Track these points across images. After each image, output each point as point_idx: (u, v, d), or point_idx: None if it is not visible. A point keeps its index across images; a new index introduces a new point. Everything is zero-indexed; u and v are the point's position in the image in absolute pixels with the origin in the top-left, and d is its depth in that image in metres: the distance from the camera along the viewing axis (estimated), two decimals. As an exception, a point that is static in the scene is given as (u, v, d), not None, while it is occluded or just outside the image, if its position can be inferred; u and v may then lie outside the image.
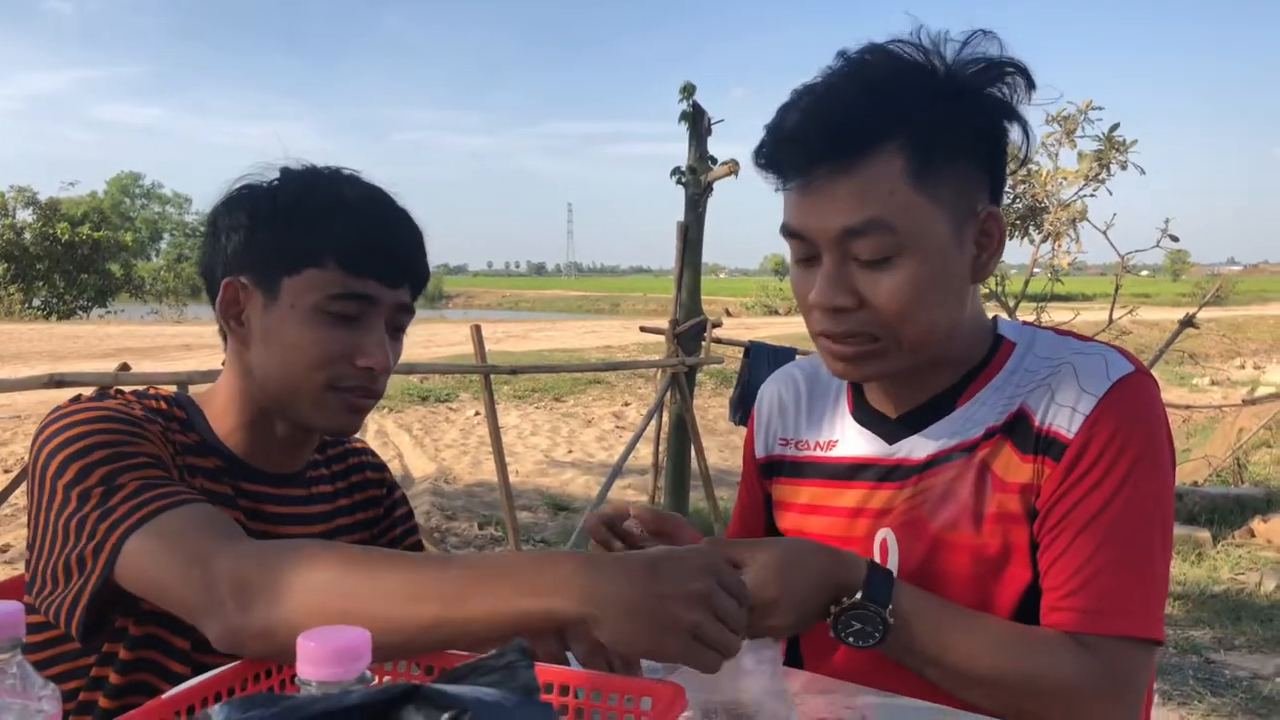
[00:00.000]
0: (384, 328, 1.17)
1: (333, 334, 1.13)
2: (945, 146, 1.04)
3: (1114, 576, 1.05)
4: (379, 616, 0.84)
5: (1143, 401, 1.08)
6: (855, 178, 1.02)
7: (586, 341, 17.74)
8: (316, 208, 1.13)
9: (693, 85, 5.63)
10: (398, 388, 10.57)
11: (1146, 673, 1.07)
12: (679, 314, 5.67)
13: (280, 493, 1.21)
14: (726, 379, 10.54)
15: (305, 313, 1.12)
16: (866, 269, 1.04)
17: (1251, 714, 3.50)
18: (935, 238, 1.04)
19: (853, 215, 1.03)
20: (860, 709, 1.07)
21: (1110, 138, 5.21)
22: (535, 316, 40.40)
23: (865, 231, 1.03)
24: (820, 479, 1.25)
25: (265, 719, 0.35)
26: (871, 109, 1.03)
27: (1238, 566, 5.15)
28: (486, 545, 5.67)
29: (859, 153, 1.02)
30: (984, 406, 1.14)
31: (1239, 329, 23.23)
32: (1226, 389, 13.67)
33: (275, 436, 1.20)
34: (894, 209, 1.02)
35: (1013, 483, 1.10)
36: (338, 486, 1.31)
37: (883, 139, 1.02)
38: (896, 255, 1.03)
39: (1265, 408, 8.03)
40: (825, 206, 1.04)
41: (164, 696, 0.77)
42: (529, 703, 0.41)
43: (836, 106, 1.04)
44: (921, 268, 1.04)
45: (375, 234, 1.15)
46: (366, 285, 1.13)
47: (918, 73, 1.06)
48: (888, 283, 1.04)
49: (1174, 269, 68.66)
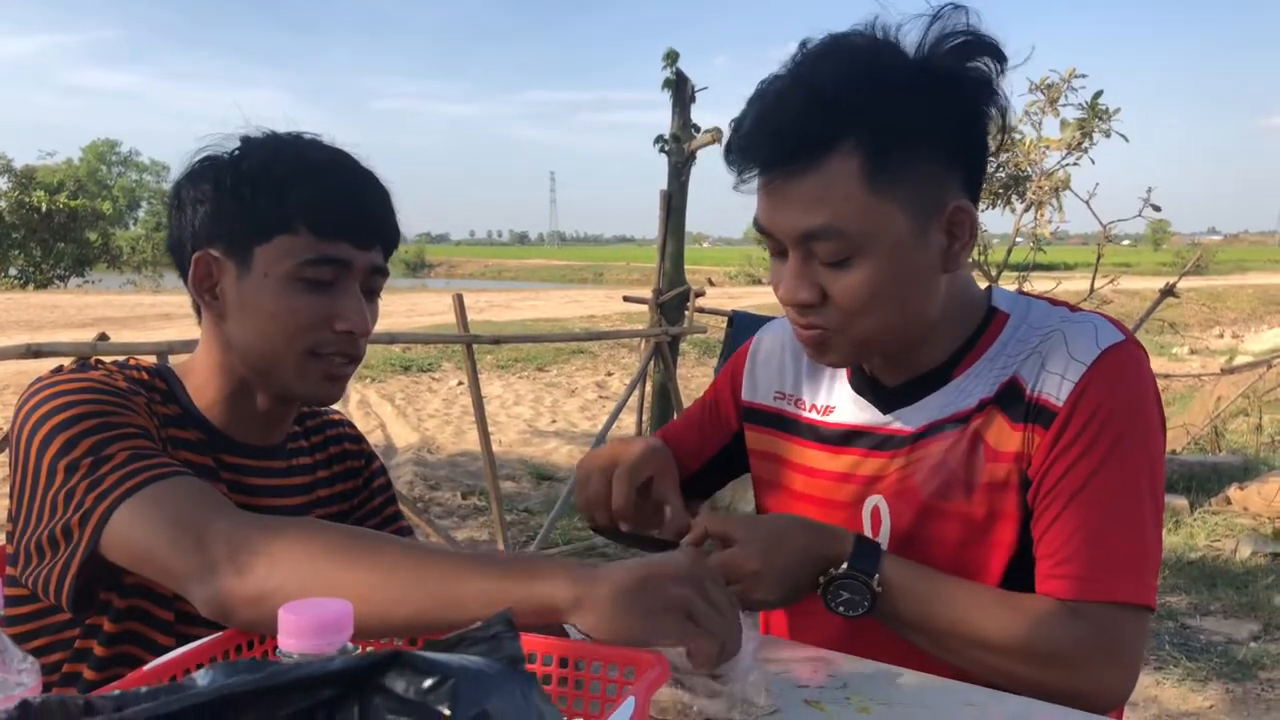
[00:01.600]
0: (359, 290, 1.16)
1: (309, 300, 1.12)
2: (904, 144, 1.03)
3: (1105, 543, 1.05)
4: (374, 598, 0.85)
5: (1131, 369, 1.09)
6: (809, 183, 1.03)
7: (570, 311, 17.71)
8: (282, 173, 1.12)
9: (676, 52, 5.59)
10: (380, 358, 10.53)
11: (1141, 639, 1.07)
12: (662, 283, 5.66)
13: (261, 465, 1.21)
14: (710, 348, 10.56)
15: (280, 280, 1.11)
16: (828, 267, 1.06)
17: (1226, 678, 3.56)
18: (893, 237, 1.04)
19: (809, 219, 1.04)
20: (843, 676, 1.08)
21: (1094, 105, 5.21)
22: (518, 286, 40.27)
23: (821, 236, 1.04)
24: (814, 442, 1.26)
25: (249, 683, 0.35)
26: (820, 117, 1.02)
27: (1214, 533, 5.22)
28: (470, 515, 5.68)
29: (810, 160, 1.03)
30: (977, 378, 1.14)
31: (1218, 298, 23.43)
32: (1205, 358, 13.79)
33: (256, 408, 1.20)
34: (847, 214, 1.03)
35: (1005, 452, 1.10)
36: (316, 459, 1.31)
37: (834, 144, 1.02)
38: (853, 256, 1.05)
39: (1243, 376, 8.11)
40: (784, 208, 1.06)
41: (146, 668, 0.76)
42: (512, 672, 0.41)
43: (786, 116, 1.04)
44: (879, 268, 1.05)
45: (344, 196, 1.14)
46: (339, 249, 1.12)
47: (874, 69, 1.03)
48: (846, 282, 1.06)
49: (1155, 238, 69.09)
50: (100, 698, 0.35)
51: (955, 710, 1.01)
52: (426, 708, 0.37)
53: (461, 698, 0.37)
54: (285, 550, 0.90)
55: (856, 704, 1.01)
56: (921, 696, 1.03)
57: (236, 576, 0.89)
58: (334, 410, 1.39)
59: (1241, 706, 3.37)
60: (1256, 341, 15.28)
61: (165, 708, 0.33)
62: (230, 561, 0.90)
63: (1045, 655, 1.04)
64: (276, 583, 0.88)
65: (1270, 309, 23.05)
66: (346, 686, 0.37)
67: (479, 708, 0.37)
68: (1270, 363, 8.45)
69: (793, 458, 1.28)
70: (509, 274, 62.34)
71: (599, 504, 1.23)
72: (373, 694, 0.38)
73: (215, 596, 0.90)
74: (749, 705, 0.98)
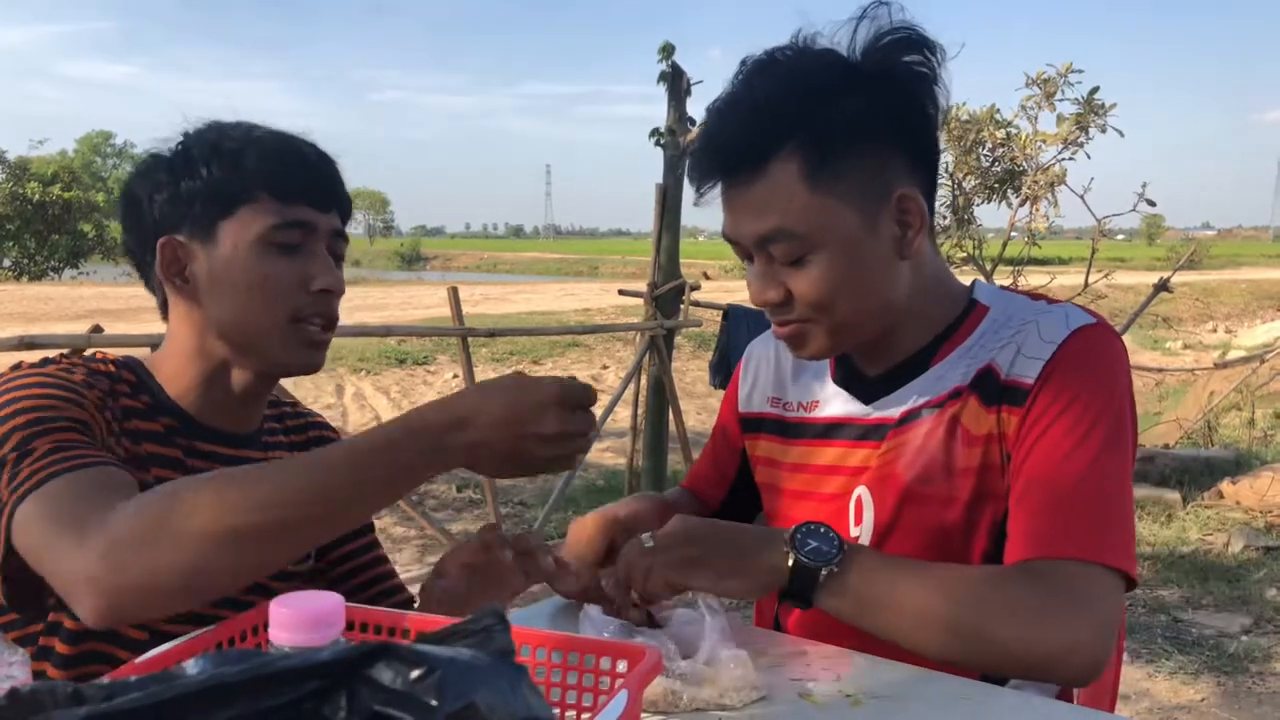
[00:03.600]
0: (325, 253, 1.17)
1: (282, 264, 1.13)
2: (844, 141, 1.08)
3: (1069, 507, 1.05)
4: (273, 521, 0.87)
5: (1101, 347, 1.11)
6: (756, 190, 1.09)
7: (565, 304, 17.71)
8: (234, 147, 1.13)
9: (672, 45, 5.58)
10: (375, 350, 10.53)
11: (1111, 600, 1.02)
12: (657, 277, 5.66)
13: (236, 454, 1.20)
14: (705, 342, 10.57)
15: (250, 250, 1.12)
16: (787, 267, 1.12)
17: (1217, 671, 3.58)
18: (842, 232, 1.09)
19: (760, 224, 1.10)
20: (835, 669, 1.08)
21: (1090, 101, 5.21)
22: (513, 279, 40.27)
23: (774, 238, 1.10)
24: (804, 439, 1.28)
25: (237, 673, 0.35)
26: (759, 126, 1.08)
27: (1206, 527, 5.24)
28: (464, 508, 5.68)
29: (753, 169, 1.09)
30: (955, 366, 1.17)
31: (1212, 293, 23.48)
32: (1198, 352, 13.83)
33: (232, 392, 1.19)
34: (794, 215, 1.08)
35: (979, 434, 1.13)
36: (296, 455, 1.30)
37: (772, 151, 1.08)
38: (807, 254, 1.10)
39: (1236, 371, 8.14)
40: (739, 217, 1.12)
41: (138, 660, 0.76)
42: (501, 664, 0.41)
43: (727, 131, 1.11)
44: (834, 262, 1.10)
45: (298, 162, 1.16)
46: (302, 212, 1.14)
47: (812, 71, 1.10)
48: (805, 278, 1.11)
49: (1149, 233, 69.23)
50: (89, 686, 0.35)
51: (949, 703, 1.01)
52: (414, 699, 0.37)
53: (449, 689, 0.37)
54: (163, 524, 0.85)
55: (849, 697, 1.02)
56: (914, 690, 1.04)
57: (115, 574, 0.85)
58: (314, 412, 1.40)
59: (1233, 700, 3.39)
60: (1249, 336, 15.32)
61: (154, 697, 0.33)
62: (105, 562, 0.85)
63: (1007, 606, 1.01)
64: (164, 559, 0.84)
65: (1263, 304, 23.10)
66: (334, 677, 0.37)
67: (467, 699, 0.37)
68: (1263, 357, 8.48)
69: (787, 458, 1.30)
70: (504, 267, 62.29)
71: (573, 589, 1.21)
72: (360, 685, 0.38)
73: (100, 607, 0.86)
74: (736, 693, 0.99)
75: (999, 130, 5.44)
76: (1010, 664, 1.03)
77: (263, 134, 1.16)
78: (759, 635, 1.20)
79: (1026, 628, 1.00)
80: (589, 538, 1.25)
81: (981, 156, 5.50)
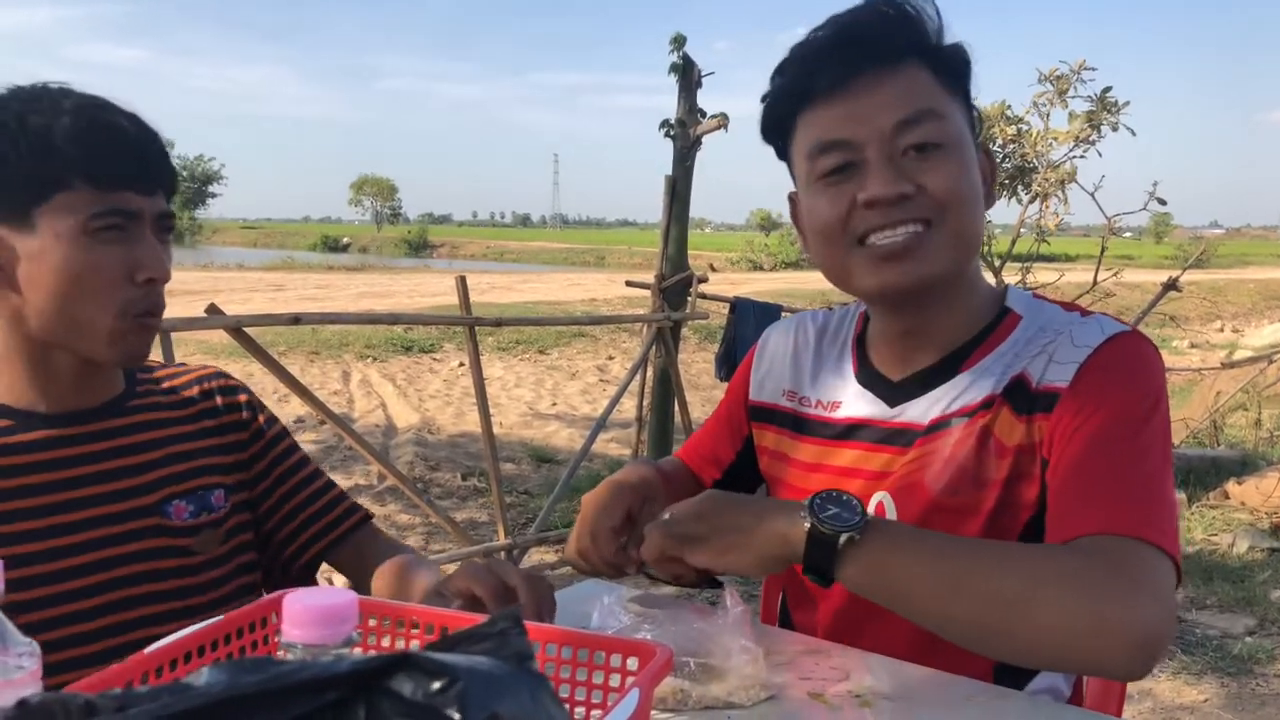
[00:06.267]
0: (152, 237, 1.12)
1: (105, 254, 1.08)
2: (954, 75, 1.13)
3: (1122, 489, 1.00)
4: None
5: (1135, 354, 1.09)
6: (899, 79, 1.10)
7: (571, 294, 17.70)
8: (43, 124, 1.06)
9: (683, 36, 5.55)
10: (382, 337, 10.53)
11: (1168, 583, 0.95)
12: (665, 268, 5.64)
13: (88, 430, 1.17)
14: (711, 334, 10.55)
15: (71, 240, 1.07)
16: (918, 159, 1.09)
17: (1221, 672, 3.57)
18: (966, 139, 1.12)
19: (904, 109, 1.09)
20: (846, 668, 1.08)
21: (1103, 99, 5.18)
22: (520, 268, 40.19)
23: (919, 120, 1.09)
24: (819, 438, 1.26)
25: (252, 685, 0.35)
26: (898, 27, 1.11)
27: (1211, 527, 5.22)
28: (470, 496, 5.68)
29: (897, 59, 1.10)
30: (986, 373, 1.14)
31: (1219, 292, 23.37)
32: (1205, 352, 13.78)
33: (62, 376, 1.16)
34: (939, 103, 1.10)
35: (1010, 445, 1.10)
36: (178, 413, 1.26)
37: (910, 53, 1.11)
38: (945, 144, 1.09)
39: (1243, 371, 8.10)
40: (871, 108, 1.09)
41: (146, 651, 0.76)
42: (523, 672, 0.40)
43: (866, 23, 1.12)
44: (963, 161, 1.11)
45: (117, 143, 1.09)
46: (123, 198, 1.09)
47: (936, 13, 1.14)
48: (942, 169, 1.09)
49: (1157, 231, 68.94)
50: (102, 696, 0.34)
51: (959, 704, 1.01)
52: (435, 711, 0.36)
53: (471, 700, 0.36)
54: None
55: (859, 697, 1.01)
56: (925, 690, 1.03)
57: None
58: (208, 367, 1.35)
59: (1237, 701, 3.38)
60: (1257, 336, 15.25)
61: (168, 709, 0.32)
62: None
63: (1061, 574, 0.92)
64: None
65: (1271, 304, 23.01)
66: (352, 689, 0.37)
67: (489, 711, 0.36)
68: (1270, 358, 8.43)
69: (800, 455, 1.28)
70: (511, 256, 62.17)
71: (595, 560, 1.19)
72: (379, 697, 0.37)
73: None
74: (746, 692, 0.99)
75: (1010, 127, 5.41)
76: (1057, 640, 0.91)
77: (74, 107, 1.08)
78: (768, 634, 1.19)
79: (1083, 597, 0.90)
80: (605, 506, 1.19)
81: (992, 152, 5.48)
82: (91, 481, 1.16)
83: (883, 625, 1.13)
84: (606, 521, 1.17)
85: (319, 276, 24.05)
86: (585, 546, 1.18)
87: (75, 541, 1.13)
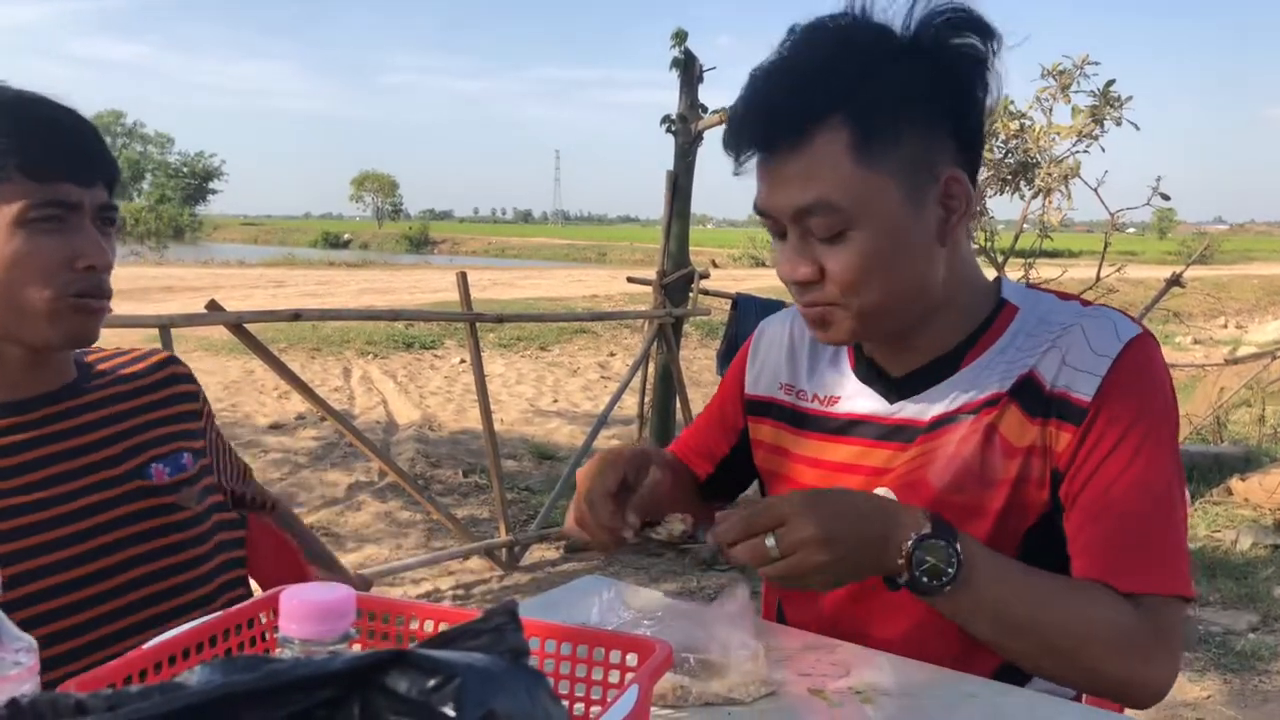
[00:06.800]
0: (92, 227, 1.14)
1: (44, 244, 1.10)
2: (893, 115, 1.04)
3: (1151, 536, 1.06)
4: None
5: (1152, 362, 1.10)
6: (800, 159, 1.04)
7: (573, 290, 17.69)
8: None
9: (685, 32, 5.54)
10: (383, 334, 10.53)
11: (1183, 630, 1.08)
12: (667, 264, 5.63)
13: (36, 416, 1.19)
14: (713, 330, 10.54)
15: (9, 230, 1.09)
16: (823, 243, 1.07)
17: (1224, 669, 3.57)
18: (886, 209, 1.05)
19: (801, 195, 1.05)
20: (846, 665, 1.07)
21: (1106, 93, 5.16)
22: (521, 264, 40.19)
23: (813, 211, 1.05)
24: (817, 433, 1.25)
25: (246, 683, 0.34)
26: (807, 93, 1.04)
27: (1215, 524, 5.21)
28: (471, 493, 5.68)
29: (799, 136, 1.04)
30: (988, 370, 1.13)
31: (1223, 288, 23.35)
32: (1209, 348, 13.76)
33: (9, 365, 1.17)
34: (839, 187, 1.04)
35: (1021, 446, 1.10)
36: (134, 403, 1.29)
37: (822, 119, 1.03)
38: (847, 229, 1.05)
39: (1246, 367, 8.09)
40: (778, 187, 1.07)
41: (145, 647, 0.76)
42: (519, 669, 0.40)
43: (776, 95, 1.06)
44: (873, 240, 1.05)
45: (52, 136, 1.11)
46: (62, 191, 1.10)
47: (863, 42, 1.06)
48: (841, 256, 1.06)
49: (1161, 227, 68.86)
50: (93, 696, 0.33)
51: (958, 701, 1.01)
52: (430, 708, 0.36)
53: (467, 698, 0.36)
54: None
55: (859, 694, 1.01)
56: (924, 687, 1.03)
57: None
58: (158, 350, 1.38)
59: (1239, 698, 3.38)
60: (1261, 332, 15.23)
61: (159, 708, 0.32)
62: None
63: (1121, 643, 1.02)
64: None
65: (1275, 300, 22.97)
66: (347, 686, 0.36)
67: (485, 708, 0.36)
68: (1274, 354, 8.41)
69: (796, 449, 1.27)
70: (512, 252, 62.16)
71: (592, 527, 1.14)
72: (374, 694, 0.36)
73: None
74: (746, 688, 0.98)
75: (1012, 122, 5.39)
76: (1098, 687, 1.06)
77: (10, 102, 1.11)
78: (768, 629, 1.19)
79: (1137, 662, 1.03)
80: (600, 473, 1.13)
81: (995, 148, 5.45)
82: (60, 459, 1.18)
83: (882, 621, 1.13)
84: (601, 487, 1.12)
85: (320, 273, 24.04)
86: (582, 514, 1.13)
87: (52, 515, 1.15)
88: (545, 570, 4.51)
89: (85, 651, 1.13)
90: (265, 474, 5.77)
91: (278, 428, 6.90)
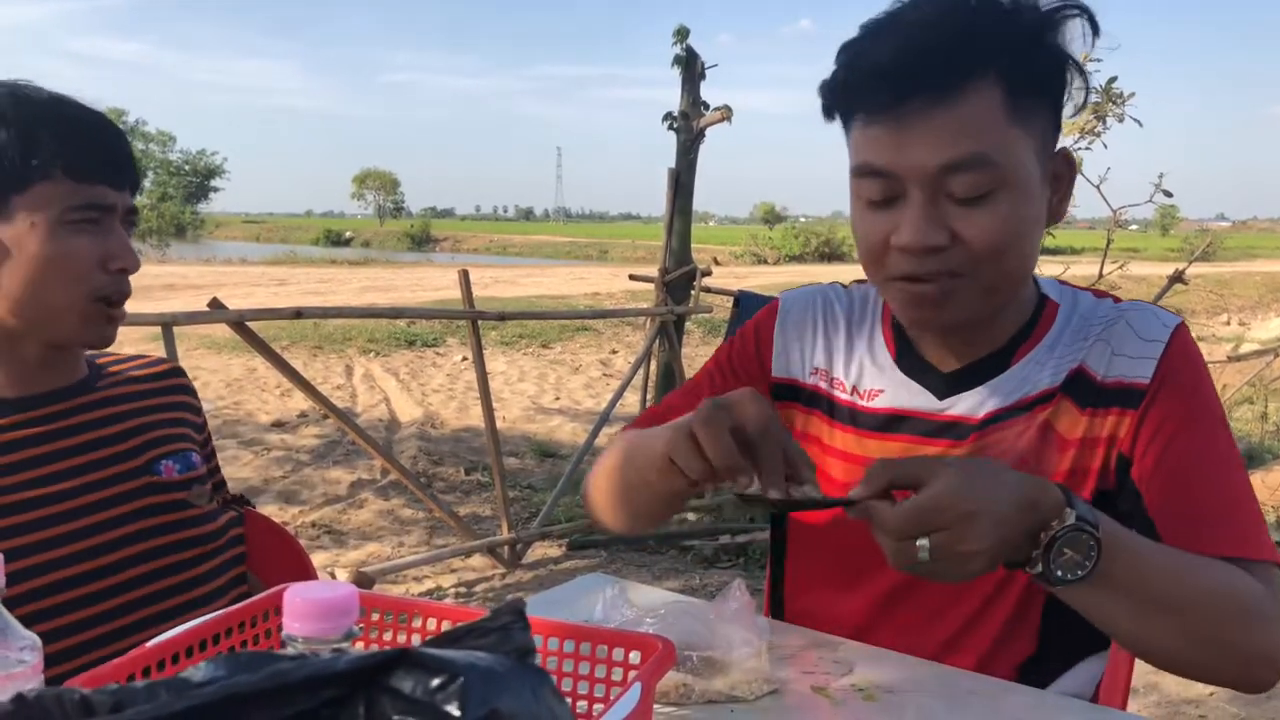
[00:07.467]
0: (122, 230, 1.17)
1: (81, 243, 1.13)
2: (1035, 84, 1.01)
3: (1235, 503, 1.05)
4: None
5: (1195, 347, 1.12)
6: (955, 110, 0.98)
7: (575, 288, 17.69)
8: (26, 119, 1.11)
9: (686, 29, 5.55)
10: (384, 332, 10.53)
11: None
12: (669, 262, 5.64)
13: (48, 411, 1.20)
14: (715, 328, 10.55)
15: (48, 228, 1.11)
16: (962, 205, 1.00)
17: (1226, 666, 3.56)
18: (1030, 174, 1.01)
19: (953, 150, 0.98)
20: (849, 663, 1.07)
21: (1108, 90, 5.16)
22: (523, 262, 40.20)
23: (967, 166, 0.98)
24: (851, 426, 1.20)
25: (250, 683, 0.34)
26: (971, 39, 0.98)
27: (1217, 521, 5.20)
28: (473, 490, 5.68)
29: (959, 84, 0.98)
30: (1038, 365, 1.12)
31: (1226, 285, 23.33)
32: (1211, 345, 13.75)
33: (28, 359, 1.19)
34: (995, 142, 0.98)
35: (1072, 439, 1.09)
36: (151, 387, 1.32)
37: (982, 70, 0.98)
38: (995, 190, 0.99)
39: (1249, 364, 8.09)
40: (920, 142, 0.99)
41: (148, 645, 0.76)
42: (524, 667, 0.40)
43: (933, 36, 0.99)
44: (1018, 205, 1.01)
45: (92, 138, 1.15)
46: (99, 193, 1.14)
47: (1012, 8, 1.01)
48: (985, 220, 1.00)
49: (1163, 224, 68.76)
50: (98, 693, 0.34)
51: (962, 699, 1.01)
52: (434, 708, 0.36)
53: (471, 698, 0.36)
54: None
55: (861, 691, 1.01)
56: (928, 684, 1.03)
57: None
58: (165, 359, 1.41)
59: (1242, 695, 3.37)
60: (1263, 329, 15.23)
61: (164, 708, 0.32)
62: None
63: (1247, 608, 0.97)
64: None
65: (1278, 297, 22.95)
66: (352, 686, 0.36)
67: (489, 707, 0.36)
68: (1277, 351, 8.41)
69: (829, 441, 1.22)
70: (514, 250, 62.15)
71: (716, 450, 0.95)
72: (379, 694, 0.37)
73: None
74: (748, 686, 0.98)
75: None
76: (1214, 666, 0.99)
77: (53, 103, 1.14)
78: (770, 627, 1.18)
79: (1262, 632, 0.97)
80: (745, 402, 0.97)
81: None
82: (71, 454, 1.20)
83: (886, 619, 1.13)
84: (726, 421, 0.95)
85: (321, 271, 24.05)
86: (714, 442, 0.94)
87: (62, 510, 1.16)
88: (547, 568, 4.52)
89: (94, 645, 1.14)
90: (268, 472, 5.78)
91: (280, 425, 6.91)
